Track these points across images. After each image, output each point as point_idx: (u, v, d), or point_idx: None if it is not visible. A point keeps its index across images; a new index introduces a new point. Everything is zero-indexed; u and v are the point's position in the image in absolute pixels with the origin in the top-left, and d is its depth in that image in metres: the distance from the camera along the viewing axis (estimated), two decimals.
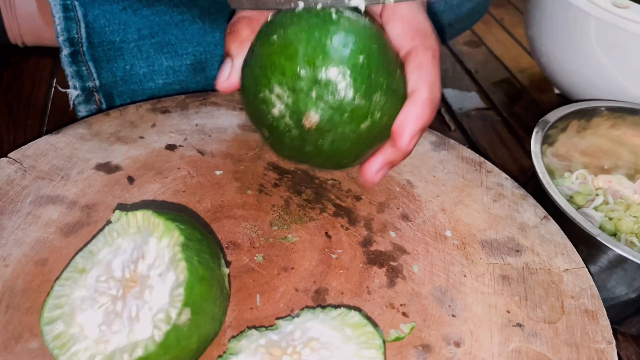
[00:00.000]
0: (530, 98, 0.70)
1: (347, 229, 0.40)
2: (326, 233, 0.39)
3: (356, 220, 0.41)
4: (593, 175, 0.53)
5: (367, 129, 0.31)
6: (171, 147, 0.45)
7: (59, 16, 0.53)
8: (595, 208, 0.49)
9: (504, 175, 0.46)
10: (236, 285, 0.35)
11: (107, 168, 0.42)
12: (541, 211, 0.43)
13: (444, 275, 0.37)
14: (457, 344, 0.33)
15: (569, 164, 0.54)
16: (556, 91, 0.71)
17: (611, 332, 0.34)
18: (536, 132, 0.47)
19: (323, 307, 0.33)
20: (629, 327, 0.43)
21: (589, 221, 0.40)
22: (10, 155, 0.42)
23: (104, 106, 0.53)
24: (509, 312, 0.35)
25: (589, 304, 0.36)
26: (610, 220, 0.47)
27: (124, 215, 0.30)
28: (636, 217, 0.47)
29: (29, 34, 0.60)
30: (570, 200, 0.50)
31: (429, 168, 0.46)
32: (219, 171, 0.43)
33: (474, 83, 0.72)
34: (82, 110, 0.52)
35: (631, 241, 0.46)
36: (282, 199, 0.41)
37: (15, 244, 0.36)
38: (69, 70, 0.52)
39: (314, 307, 0.34)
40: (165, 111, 0.49)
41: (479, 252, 0.39)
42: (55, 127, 0.45)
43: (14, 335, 0.30)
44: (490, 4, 0.70)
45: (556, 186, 0.43)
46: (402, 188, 0.44)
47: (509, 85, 0.73)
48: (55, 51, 0.56)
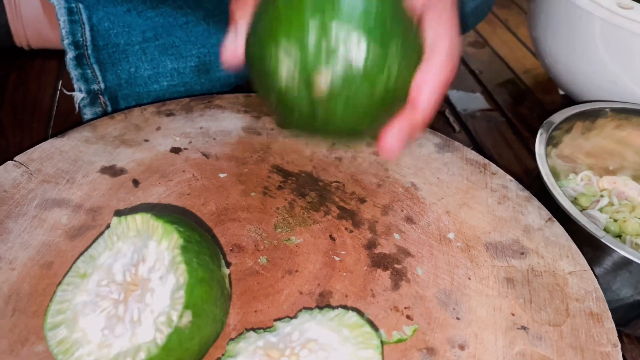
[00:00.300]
0: (534, 99, 0.70)
1: (352, 231, 0.40)
2: (330, 236, 0.39)
3: (360, 222, 0.41)
4: (598, 177, 0.53)
5: (383, 87, 0.28)
6: (176, 150, 0.45)
7: (63, 19, 0.53)
8: (600, 209, 0.49)
9: (509, 177, 0.46)
10: (240, 288, 0.35)
11: (112, 171, 0.42)
12: (546, 213, 0.43)
13: (449, 277, 0.37)
14: (462, 347, 0.33)
15: (574, 166, 0.53)
16: (561, 92, 0.70)
17: (616, 334, 0.34)
18: (541, 134, 0.47)
19: (321, 308, 0.34)
20: (635, 329, 0.43)
21: (594, 223, 0.40)
22: (16, 158, 0.42)
23: (109, 109, 0.53)
24: (513, 314, 0.35)
25: (594, 307, 0.36)
26: (615, 221, 0.47)
27: (124, 219, 0.31)
28: None
29: (34, 37, 0.60)
30: (574, 201, 0.49)
31: (433, 170, 0.46)
32: (223, 174, 0.43)
33: (479, 84, 0.72)
34: (88, 113, 0.52)
35: (636, 243, 0.46)
36: (286, 202, 0.42)
37: (21, 248, 0.36)
38: (74, 73, 0.52)
39: (312, 308, 0.34)
40: (170, 114, 0.49)
41: (483, 254, 0.39)
42: (61, 130, 0.46)
43: (20, 339, 0.31)
44: (494, 4, 0.70)
45: (561, 188, 0.43)
46: (406, 190, 0.44)
47: (513, 86, 0.72)
48: (60, 54, 0.56)
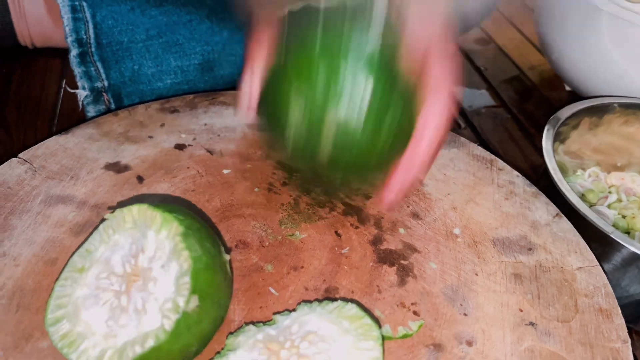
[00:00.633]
0: (540, 95, 0.69)
1: (357, 227, 0.39)
2: (336, 232, 0.39)
3: (366, 219, 0.40)
4: (606, 173, 0.53)
5: (377, 155, 0.33)
6: (180, 147, 0.45)
7: (67, 17, 0.53)
8: (608, 206, 0.48)
9: (516, 172, 0.46)
10: (246, 284, 0.35)
11: (117, 168, 0.42)
12: (553, 209, 0.42)
13: (455, 273, 0.37)
14: (469, 343, 0.33)
15: (581, 162, 0.53)
16: (567, 88, 0.70)
17: (626, 330, 0.34)
18: (547, 129, 0.47)
19: (320, 300, 0.33)
20: None
21: (602, 219, 0.40)
22: (20, 155, 0.42)
23: (113, 106, 0.53)
24: (521, 310, 0.35)
25: (603, 303, 0.36)
26: (623, 217, 0.47)
27: (119, 212, 0.30)
28: None
29: (38, 35, 0.60)
30: (582, 198, 0.49)
31: (439, 166, 0.46)
32: (227, 170, 0.43)
33: (484, 81, 0.71)
34: (91, 111, 0.52)
35: None
36: (291, 198, 0.41)
37: (25, 244, 0.36)
38: (77, 70, 0.52)
39: (311, 301, 0.34)
40: (174, 111, 0.49)
41: (490, 250, 0.39)
42: (65, 128, 0.46)
43: (24, 335, 0.30)
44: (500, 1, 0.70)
45: (568, 184, 0.42)
46: None
47: (519, 82, 0.72)
48: (64, 52, 0.56)
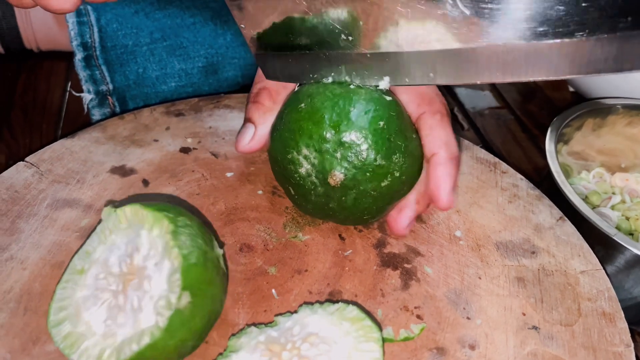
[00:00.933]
0: (544, 97, 0.69)
1: (361, 231, 0.40)
2: (339, 235, 0.39)
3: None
4: (610, 174, 0.52)
5: (387, 186, 0.34)
6: (185, 150, 0.45)
7: (72, 21, 0.54)
8: (612, 207, 0.48)
9: (519, 175, 0.46)
10: (250, 287, 0.35)
11: (122, 171, 0.43)
12: (557, 212, 0.42)
13: (459, 277, 0.37)
14: (472, 347, 0.33)
15: (585, 163, 0.53)
16: (571, 89, 0.70)
17: (629, 334, 0.34)
18: (551, 131, 0.47)
19: (321, 302, 0.34)
20: None
21: (605, 221, 0.40)
22: (27, 159, 0.42)
23: (118, 109, 0.53)
24: (524, 314, 0.35)
25: (606, 306, 0.36)
26: (627, 219, 0.47)
27: (114, 212, 0.31)
28: None
29: (43, 39, 0.61)
30: (585, 199, 0.49)
31: None
32: (231, 173, 0.43)
33: None
34: (96, 114, 0.53)
35: None
36: None
37: (32, 247, 0.36)
38: (82, 74, 0.53)
39: (312, 303, 0.34)
40: (179, 114, 0.49)
41: (493, 253, 0.39)
42: (70, 131, 0.46)
43: (31, 338, 0.31)
44: None
45: (572, 185, 0.42)
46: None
47: (522, 83, 0.72)
48: (69, 56, 0.56)
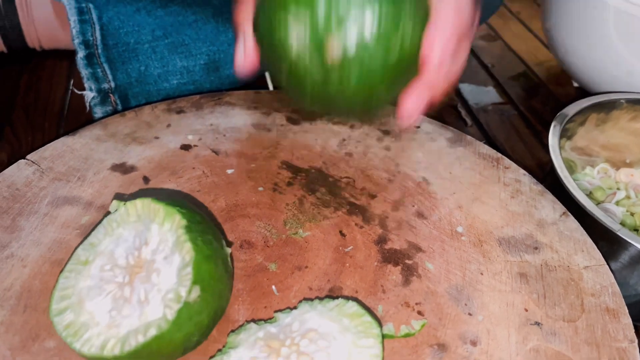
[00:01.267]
0: (548, 92, 0.69)
1: (362, 227, 0.39)
2: (340, 231, 0.39)
3: (371, 218, 0.40)
4: (615, 170, 0.52)
5: (398, 49, 0.28)
6: (186, 147, 0.45)
7: (74, 19, 0.54)
8: (617, 203, 0.48)
9: (522, 171, 0.45)
10: (250, 284, 0.35)
11: (123, 168, 0.43)
12: (560, 207, 0.42)
13: (460, 273, 0.37)
14: (474, 343, 0.32)
15: (590, 159, 0.52)
16: (575, 84, 0.69)
17: (633, 330, 0.34)
18: (554, 126, 0.46)
19: (321, 298, 0.34)
20: None
21: (610, 216, 0.39)
22: (28, 157, 0.42)
23: (120, 107, 0.53)
24: (526, 310, 0.35)
25: (610, 302, 0.35)
26: (632, 215, 0.46)
27: (122, 206, 0.31)
28: None
29: (45, 37, 0.61)
30: (590, 195, 0.49)
31: (445, 165, 0.46)
32: (231, 170, 0.43)
33: (491, 77, 0.71)
34: (98, 112, 0.53)
35: None
36: (296, 198, 0.41)
37: (33, 245, 0.36)
38: (84, 72, 0.53)
39: (312, 299, 0.34)
40: (180, 111, 0.49)
41: (496, 249, 0.39)
42: (72, 129, 0.46)
43: (31, 335, 0.31)
44: None
45: (576, 181, 0.42)
46: (417, 185, 0.43)
47: (526, 79, 0.71)
48: (72, 55, 0.56)
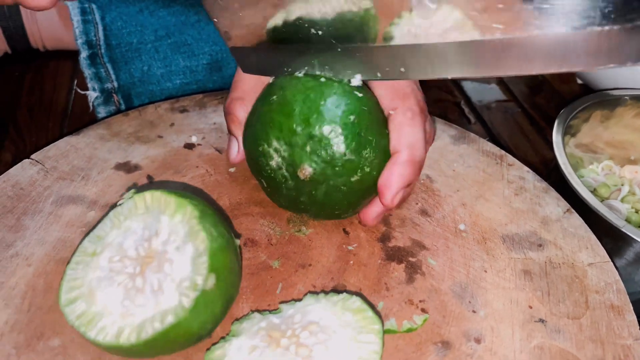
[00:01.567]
0: (551, 89, 0.69)
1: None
2: (344, 229, 0.39)
3: None
4: (620, 166, 0.52)
5: (357, 181, 0.33)
6: (189, 146, 0.45)
7: (77, 19, 0.54)
8: (622, 199, 0.48)
9: (526, 168, 0.45)
10: (254, 282, 0.35)
11: (127, 168, 0.43)
12: (564, 204, 0.42)
13: (464, 270, 0.37)
14: (478, 340, 0.32)
15: (594, 155, 0.52)
16: (579, 81, 0.69)
17: (638, 327, 0.33)
18: (558, 123, 0.46)
19: (326, 292, 0.34)
20: None
21: (614, 213, 0.39)
22: (32, 156, 0.43)
23: (123, 107, 0.54)
24: (531, 307, 0.35)
25: (615, 299, 0.35)
26: (636, 212, 0.46)
27: (131, 198, 0.31)
28: None
29: (49, 37, 0.61)
30: (594, 192, 0.48)
31: (448, 162, 0.45)
32: (234, 168, 0.43)
33: None
34: (102, 112, 0.53)
35: None
36: None
37: (37, 244, 0.36)
38: (87, 72, 0.53)
39: (317, 292, 0.34)
40: (184, 110, 0.49)
41: (500, 246, 0.39)
42: (76, 129, 0.46)
43: (36, 334, 0.31)
44: None
45: (580, 178, 0.42)
46: (421, 183, 0.43)
47: (529, 76, 0.71)
48: (75, 55, 0.57)
